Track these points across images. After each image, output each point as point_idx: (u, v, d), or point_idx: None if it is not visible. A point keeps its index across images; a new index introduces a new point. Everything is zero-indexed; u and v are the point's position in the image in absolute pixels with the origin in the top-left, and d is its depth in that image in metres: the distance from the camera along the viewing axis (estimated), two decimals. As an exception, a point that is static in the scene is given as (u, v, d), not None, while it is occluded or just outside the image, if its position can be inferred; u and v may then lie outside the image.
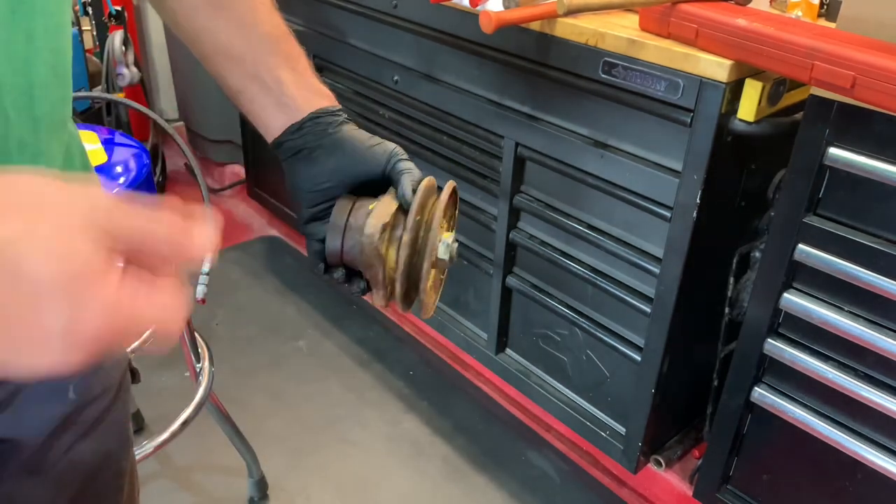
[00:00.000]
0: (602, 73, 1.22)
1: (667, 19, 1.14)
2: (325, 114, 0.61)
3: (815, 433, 1.17)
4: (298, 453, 1.72)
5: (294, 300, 2.21)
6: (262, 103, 0.62)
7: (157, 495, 1.60)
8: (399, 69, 1.65)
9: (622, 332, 1.40)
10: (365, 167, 0.60)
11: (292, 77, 0.62)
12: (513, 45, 1.35)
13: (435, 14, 1.48)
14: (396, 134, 1.73)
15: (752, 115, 1.10)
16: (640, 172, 1.24)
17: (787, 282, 1.14)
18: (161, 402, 1.75)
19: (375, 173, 0.60)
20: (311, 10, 1.84)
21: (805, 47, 0.98)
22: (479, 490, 1.64)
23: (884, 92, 0.91)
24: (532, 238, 1.50)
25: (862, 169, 1.01)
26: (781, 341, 1.17)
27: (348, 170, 0.60)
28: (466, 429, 1.79)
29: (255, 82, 0.61)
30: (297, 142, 0.61)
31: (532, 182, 1.47)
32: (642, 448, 1.42)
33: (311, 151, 0.60)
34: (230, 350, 1.99)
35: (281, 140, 0.62)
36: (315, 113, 0.61)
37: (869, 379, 1.09)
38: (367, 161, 0.60)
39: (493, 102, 1.46)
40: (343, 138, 0.61)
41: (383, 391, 1.90)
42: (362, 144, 0.61)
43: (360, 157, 0.60)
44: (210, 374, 1.47)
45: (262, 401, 1.85)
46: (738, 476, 1.34)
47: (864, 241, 1.03)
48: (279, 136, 0.62)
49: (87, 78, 2.42)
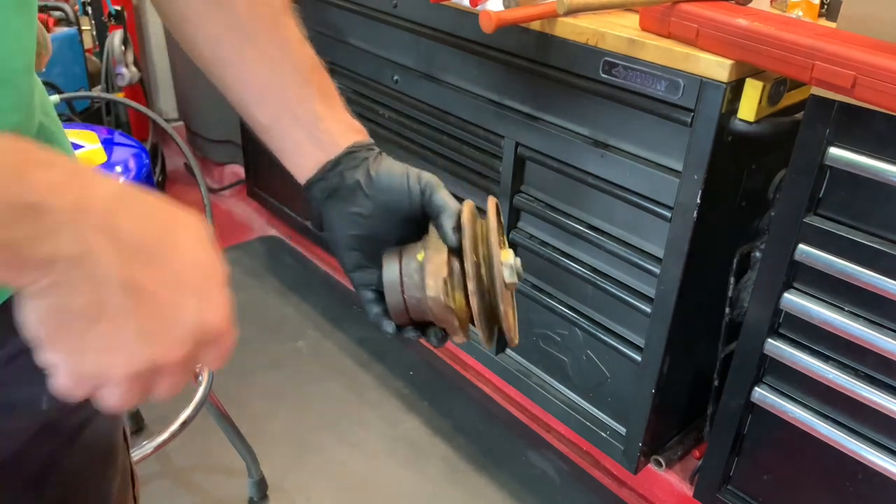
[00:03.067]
0: (602, 73, 1.22)
1: (667, 19, 1.14)
2: (361, 148, 0.58)
3: (815, 433, 1.17)
4: (298, 453, 1.72)
5: (294, 300, 2.21)
6: (295, 138, 0.58)
7: (157, 495, 1.60)
8: (399, 69, 1.65)
9: (622, 333, 1.40)
10: (401, 203, 0.57)
11: (327, 111, 0.58)
12: (513, 45, 1.35)
13: (435, 14, 1.48)
14: (396, 134, 1.73)
15: (752, 114, 1.10)
16: (641, 172, 1.24)
17: (788, 282, 1.13)
18: (161, 403, 1.75)
19: (412, 208, 0.57)
20: (311, 10, 1.84)
21: (805, 47, 0.98)
22: (479, 490, 1.64)
23: (884, 92, 0.91)
24: (532, 238, 1.50)
25: (862, 169, 1.01)
26: (782, 341, 1.17)
27: (386, 207, 0.57)
28: (466, 429, 1.79)
29: (286, 116, 0.58)
30: (333, 181, 0.57)
31: (532, 182, 1.47)
32: (642, 448, 1.42)
33: (349, 192, 0.57)
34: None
35: (316, 178, 0.58)
36: (351, 147, 0.58)
37: (869, 379, 1.09)
38: (402, 196, 0.57)
39: (493, 102, 1.46)
40: (379, 174, 0.57)
41: (383, 392, 1.90)
42: (398, 179, 0.57)
43: (396, 192, 0.57)
44: (210, 374, 1.47)
45: (262, 401, 1.85)
46: (738, 476, 1.34)
47: (864, 241, 1.03)
48: (314, 174, 0.58)
49: (86, 77, 2.42)
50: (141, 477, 0.73)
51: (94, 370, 0.37)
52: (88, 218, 0.35)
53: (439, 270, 0.54)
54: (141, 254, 0.37)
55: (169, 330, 0.38)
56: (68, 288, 0.35)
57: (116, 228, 0.36)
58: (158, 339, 0.37)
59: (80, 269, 0.35)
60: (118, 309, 0.36)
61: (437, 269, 0.54)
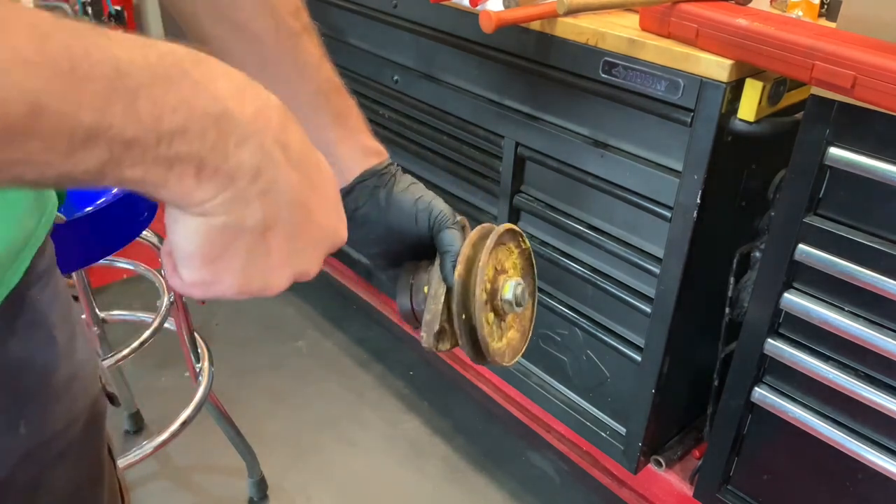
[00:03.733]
0: (602, 73, 1.22)
1: (667, 19, 1.14)
2: (372, 175, 0.59)
3: (815, 433, 1.17)
4: (298, 453, 1.72)
5: (294, 300, 2.21)
6: None
7: (157, 495, 1.60)
8: (399, 69, 1.65)
9: (622, 332, 1.40)
10: (410, 231, 0.59)
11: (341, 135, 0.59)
12: (513, 45, 1.35)
13: (435, 14, 1.48)
14: (396, 134, 1.73)
15: (752, 114, 1.10)
16: (641, 172, 1.24)
17: (788, 282, 1.13)
18: (161, 402, 1.76)
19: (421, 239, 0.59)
20: (311, 10, 1.84)
21: (805, 47, 0.98)
22: (479, 490, 1.64)
23: (884, 92, 0.91)
24: (532, 238, 1.50)
25: (862, 169, 1.00)
26: (782, 341, 1.17)
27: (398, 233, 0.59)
28: (466, 429, 1.79)
29: None
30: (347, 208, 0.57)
31: (532, 182, 1.47)
32: (642, 448, 1.42)
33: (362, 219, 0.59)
34: (230, 350, 1.98)
35: None
36: (362, 175, 0.59)
37: (869, 379, 1.09)
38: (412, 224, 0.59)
39: (493, 102, 1.46)
40: (390, 204, 0.58)
41: (383, 391, 1.90)
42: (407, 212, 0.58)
43: (405, 225, 0.59)
44: (210, 374, 1.47)
45: (262, 401, 1.85)
46: (738, 476, 1.34)
47: (864, 241, 1.03)
48: None
49: (86, 78, 2.42)
50: (141, 477, 0.73)
51: (258, 288, 0.37)
52: (269, 131, 0.34)
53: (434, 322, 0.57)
54: (305, 171, 0.37)
55: (319, 245, 0.40)
56: (244, 203, 0.34)
57: (288, 144, 0.36)
58: (312, 252, 0.39)
59: (259, 184, 0.34)
60: (285, 225, 0.36)
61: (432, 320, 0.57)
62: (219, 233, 0.34)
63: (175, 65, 0.31)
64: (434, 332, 0.57)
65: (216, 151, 0.32)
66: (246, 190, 0.34)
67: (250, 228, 0.35)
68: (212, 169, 0.32)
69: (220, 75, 0.33)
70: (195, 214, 0.34)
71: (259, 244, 0.36)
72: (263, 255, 0.36)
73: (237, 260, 0.36)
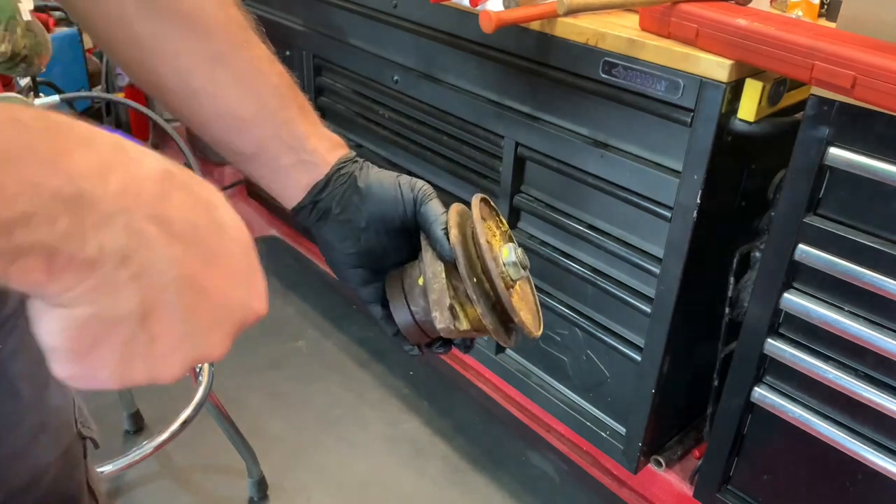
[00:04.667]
0: (602, 73, 1.22)
1: (667, 19, 1.14)
2: (347, 162, 0.57)
3: (815, 433, 1.17)
4: (298, 453, 1.72)
5: (294, 300, 2.21)
6: (282, 164, 0.55)
7: (157, 495, 1.60)
8: (399, 69, 1.65)
9: (622, 332, 1.40)
10: (395, 211, 0.56)
11: (310, 128, 0.56)
12: (513, 45, 1.35)
13: (435, 14, 1.48)
14: (396, 134, 1.73)
15: (752, 114, 1.10)
16: (641, 172, 1.24)
17: (788, 282, 1.13)
18: (161, 402, 1.75)
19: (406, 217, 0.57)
20: (311, 10, 1.84)
21: (805, 47, 0.98)
22: (479, 490, 1.64)
23: (884, 92, 0.91)
24: (532, 238, 1.50)
25: (862, 169, 1.01)
26: (781, 341, 1.17)
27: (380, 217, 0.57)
28: (466, 429, 1.79)
29: (273, 142, 0.55)
30: (325, 202, 0.56)
31: (532, 182, 1.47)
32: (642, 448, 1.42)
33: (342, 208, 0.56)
34: (230, 350, 1.98)
35: (306, 202, 0.56)
36: (338, 163, 0.56)
37: (869, 379, 1.09)
38: (396, 204, 0.56)
39: (493, 102, 1.46)
40: (370, 185, 0.56)
41: (383, 391, 1.90)
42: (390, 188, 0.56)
43: (389, 201, 0.56)
44: (210, 374, 1.47)
45: (262, 401, 1.85)
46: (738, 476, 1.34)
47: (864, 241, 1.03)
48: (304, 197, 0.56)
49: (86, 78, 2.42)
50: (141, 477, 0.73)
51: (143, 377, 0.33)
52: (139, 207, 0.30)
53: (442, 298, 0.54)
54: (194, 245, 0.33)
55: (222, 324, 0.35)
56: (113, 291, 0.30)
57: (169, 217, 0.31)
58: (212, 334, 0.35)
59: (130, 268, 0.30)
60: (171, 309, 0.32)
61: (440, 297, 0.54)
62: (85, 325, 0.30)
63: (17, 138, 0.27)
64: (446, 307, 0.53)
65: (70, 238, 0.28)
66: (113, 276, 0.29)
67: (124, 317, 0.31)
68: (65, 258, 0.28)
69: (77, 147, 0.29)
70: (55, 305, 0.30)
71: (139, 332, 0.31)
72: (145, 344, 0.32)
73: (112, 353, 0.31)
